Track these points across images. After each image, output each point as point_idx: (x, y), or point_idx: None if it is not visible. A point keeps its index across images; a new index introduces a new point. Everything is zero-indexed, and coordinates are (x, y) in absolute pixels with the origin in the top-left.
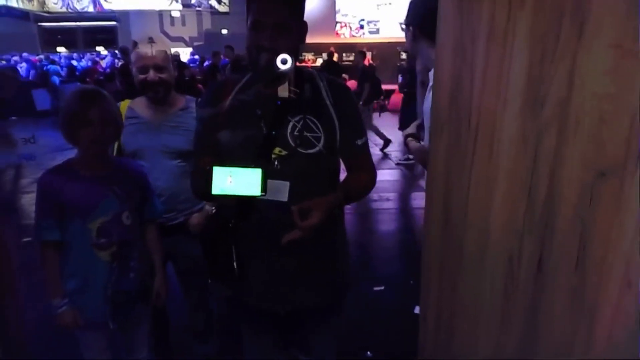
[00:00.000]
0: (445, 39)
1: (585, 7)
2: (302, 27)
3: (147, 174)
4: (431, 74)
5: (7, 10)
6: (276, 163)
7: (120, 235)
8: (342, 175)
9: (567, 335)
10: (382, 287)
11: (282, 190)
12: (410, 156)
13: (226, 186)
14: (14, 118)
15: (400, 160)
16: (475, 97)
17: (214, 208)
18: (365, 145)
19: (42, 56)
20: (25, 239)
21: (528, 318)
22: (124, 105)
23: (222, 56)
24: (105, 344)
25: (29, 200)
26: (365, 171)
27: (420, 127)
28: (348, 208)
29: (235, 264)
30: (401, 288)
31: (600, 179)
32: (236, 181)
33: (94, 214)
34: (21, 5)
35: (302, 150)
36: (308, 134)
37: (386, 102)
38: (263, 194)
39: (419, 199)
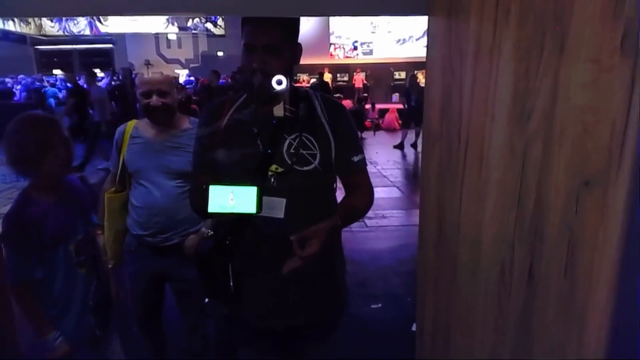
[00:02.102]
0: (435, 56)
1: (566, 23)
2: (296, 49)
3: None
4: None
5: (4, 34)
6: (272, 180)
7: (91, 249)
8: (339, 192)
9: (559, 339)
10: (380, 305)
11: (278, 207)
12: None
13: (222, 204)
14: None
15: None
16: (465, 112)
17: (210, 231)
18: (362, 162)
19: (33, 79)
20: None
21: (521, 325)
22: (131, 124)
23: (203, 80)
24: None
25: None
26: (362, 189)
27: None
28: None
29: (231, 281)
30: (399, 305)
31: (585, 187)
32: (232, 199)
33: (73, 234)
34: (18, 29)
35: (298, 168)
36: (304, 152)
37: (381, 121)
38: (259, 211)
39: (415, 216)
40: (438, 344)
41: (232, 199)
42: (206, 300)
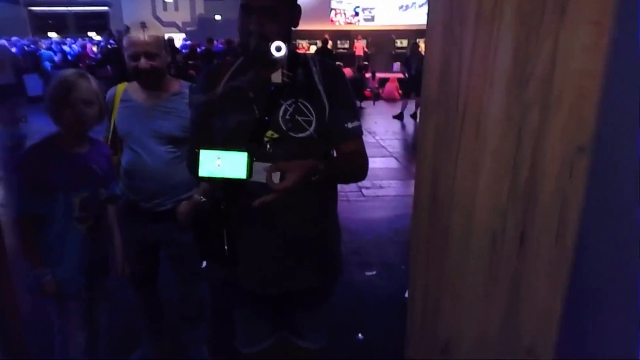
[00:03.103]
0: (434, 21)
1: None
2: (294, 11)
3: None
4: None
5: None
6: (268, 146)
7: (96, 210)
8: None
9: (547, 305)
10: (374, 272)
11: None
12: None
13: (212, 169)
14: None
15: None
16: (464, 79)
17: (202, 197)
18: (357, 129)
19: (28, 41)
20: None
21: (510, 290)
22: (121, 87)
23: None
24: (82, 314)
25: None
26: (356, 157)
27: None
28: (341, 194)
29: (225, 245)
30: (393, 273)
31: (579, 153)
32: (222, 164)
33: (78, 189)
34: None
35: (293, 134)
36: (299, 118)
37: (381, 91)
38: (249, 177)
39: (412, 187)
40: (428, 310)
41: (220, 164)
42: (203, 264)
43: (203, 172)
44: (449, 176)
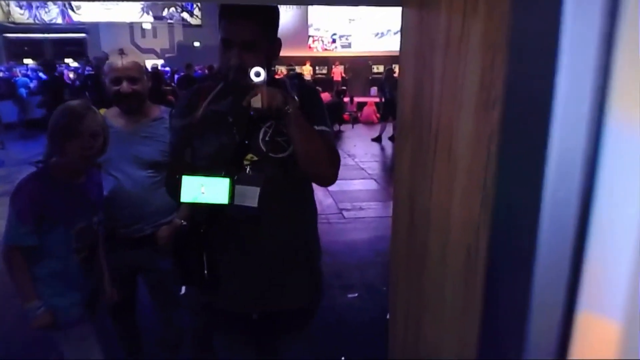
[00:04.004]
0: (407, 47)
1: None
2: (274, 44)
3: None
4: None
5: None
6: (248, 169)
7: (91, 240)
8: (314, 186)
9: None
10: (356, 294)
11: (252, 196)
12: None
13: (194, 195)
14: None
15: None
16: (435, 102)
17: (183, 221)
18: (327, 133)
19: (3, 67)
20: None
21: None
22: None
23: (196, 68)
24: (81, 342)
25: None
26: (325, 141)
27: None
28: (321, 217)
29: (205, 269)
30: (375, 295)
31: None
32: (204, 190)
33: (76, 220)
34: None
35: (273, 155)
36: (278, 139)
37: (359, 115)
38: (230, 202)
39: (392, 208)
40: (409, 331)
41: (203, 191)
42: (182, 290)
43: (185, 197)
44: (425, 196)
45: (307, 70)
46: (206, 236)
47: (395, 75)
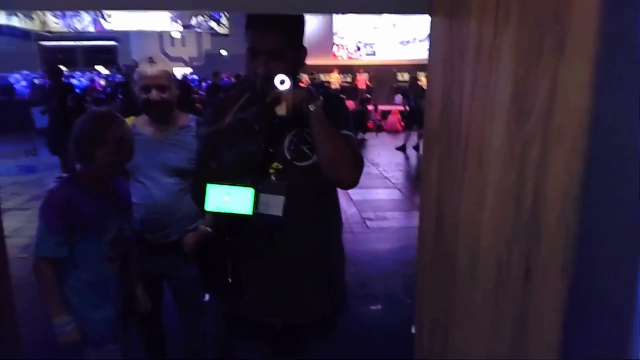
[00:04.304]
0: (436, 55)
1: (566, 23)
2: (300, 52)
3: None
4: None
5: (9, 30)
6: (273, 178)
7: (125, 247)
8: (340, 192)
9: (555, 338)
10: (379, 306)
11: (277, 205)
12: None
13: (219, 204)
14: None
15: None
16: (465, 112)
17: (208, 228)
18: (351, 137)
19: (38, 74)
20: (21, 256)
21: (518, 324)
22: (128, 122)
23: (221, 76)
24: (120, 356)
25: (27, 217)
26: (349, 142)
27: None
28: (344, 226)
29: (229, 277)
30: (399, 307)
31: (579, 185)
32: (229, 199)
33: (108, 228)
34: (23, 25)
35: (298, 163)
36: (303, 147)
37: (383, 123)
38: (254, 212)
39: (416, 218)
40: (436, 345)
41: (228, 199)
42: (206, 297)
43: (210, 206)
44: (454, 207)
45: (334, 78)
46: (230, 244)
47: (420, 83)
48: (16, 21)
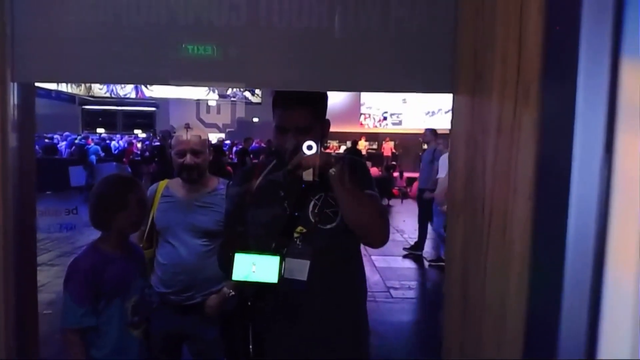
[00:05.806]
0: (459, 130)
1: None
2: (325, 125)
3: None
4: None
5: (57, 94)
6: (298, 242)
7: (147, 312)
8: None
9: None
10: None
11: (302, 269)
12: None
13: (246, 273)
14: (48, 192)
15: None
16: (488, 185)
17: (231, 291)
18: (374, 196)
19: (79, 136)
20: (46, 312)
21: None
22: (162, 184)
23: (252, 141)
24: None
25: (55, 273)
26: (374, 201)
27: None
28: (370, 296)
29: (250, 344)
30: None
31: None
32: (255, 269)
33: (130, 293)
34: (70, 90)
35: (322, 226)
36: (327, 210)
37: (408, 190)
38: (279, 281)
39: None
40: None
41: (254, 270)
42: None
43: (237, 275)
44: (479, 280)
45: (362, 145)
46: (253, 308)
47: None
48: (64, 86)
